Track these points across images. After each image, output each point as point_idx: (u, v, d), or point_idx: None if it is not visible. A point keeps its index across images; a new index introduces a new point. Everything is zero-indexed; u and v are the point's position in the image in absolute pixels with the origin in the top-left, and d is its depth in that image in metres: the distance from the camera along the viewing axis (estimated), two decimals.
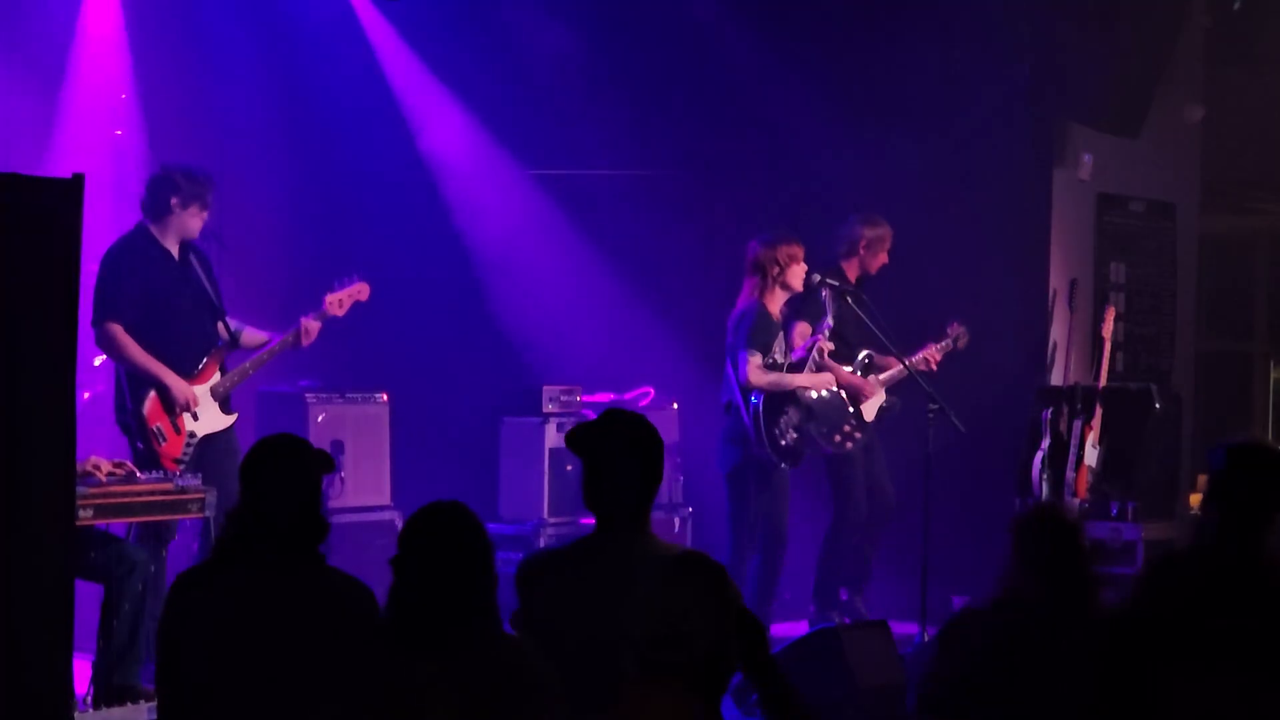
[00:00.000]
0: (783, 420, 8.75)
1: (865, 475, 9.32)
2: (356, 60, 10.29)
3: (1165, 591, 4.80)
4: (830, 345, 8.92)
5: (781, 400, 8.76)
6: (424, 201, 10.57)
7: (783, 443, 8.75)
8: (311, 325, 8.13)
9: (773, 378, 8.70)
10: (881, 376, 9.31)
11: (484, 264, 10.63)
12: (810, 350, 8.88)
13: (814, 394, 8.89)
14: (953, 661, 5.03)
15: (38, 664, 5.09)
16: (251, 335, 8.15)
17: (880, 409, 9.33)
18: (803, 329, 9.03)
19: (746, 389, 8.67)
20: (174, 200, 7.82)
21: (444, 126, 10.54)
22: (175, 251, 7.89)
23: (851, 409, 9.19)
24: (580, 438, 4.82)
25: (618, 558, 4.67)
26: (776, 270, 8.74)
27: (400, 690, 4.03)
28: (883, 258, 9.30)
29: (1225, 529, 5.00)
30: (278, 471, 4.73)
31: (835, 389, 9.08)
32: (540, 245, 10.64)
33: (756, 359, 8.67)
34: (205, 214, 7.90)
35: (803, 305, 9.04)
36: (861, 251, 9.28)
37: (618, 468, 4.75)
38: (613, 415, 4.87)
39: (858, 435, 9.18)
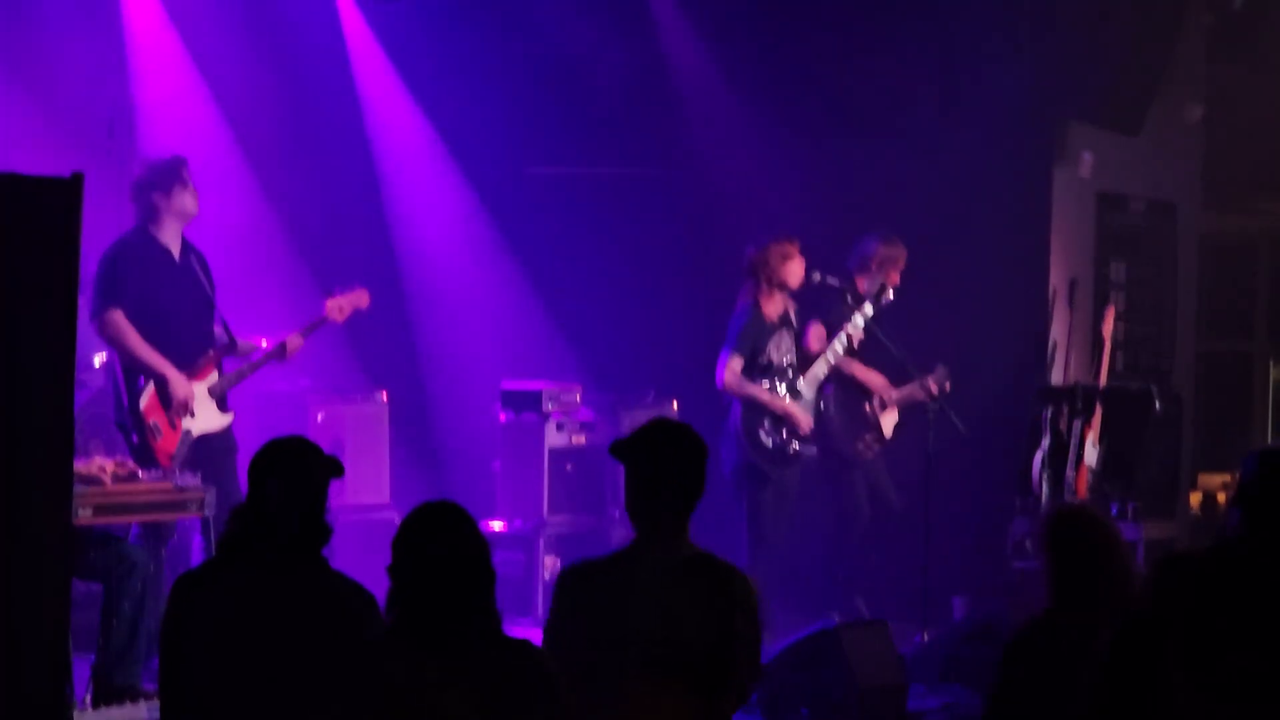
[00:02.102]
0: (768, 422, 8.75)
1: (865, 478, 9.32)
2: (354, 65, 10.29)
3: (1170, 592, 4.79)
4: (861, 334, 8.89)
5: (759, 408, 8.75)
6: (424, 202, 10.57)
7: (769, 445, 8.74)
8: (296, 341, 8.10)
9: (749, 390, 8.68)
10: (896, 395, 9.24)
11: (483, 264, 10.62)
12: (833, 341, 8.85)
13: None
14: (1017, 680, 5.00)
15: (38, 664, 5.08)
16: (242, 343, 8.13)
17: (895, 427, 9.32)
18: (818, 331, 9.01)
19: (725, 392, 8.69)
20: (155, 195, 7.80)
21: (444, 129, 10.54)
22: (175, 251, 7.87)
23: (871, 418, 9.19)
24: (624, 447, 4.82)
25: (654, 566, 4.65)
26: (769, 271, 8.74)
27: (413, 689, 4.02)
28: (895, 277, 9.22)
29: (1246, 532, 5.01)
30: (285, 473, 4.73)
31: (860, 394, 9.10)
32: (540, 245, 10.63)
33: (736, 362, 8.67)
34: (190, 189, 7.82)
35: (828, 310, 9.02)
36: (873, 268, 9.19)
37: (659, 478, 4.73)
38: (657, 425, 4.86)
39: (877, 446, 9.22)
